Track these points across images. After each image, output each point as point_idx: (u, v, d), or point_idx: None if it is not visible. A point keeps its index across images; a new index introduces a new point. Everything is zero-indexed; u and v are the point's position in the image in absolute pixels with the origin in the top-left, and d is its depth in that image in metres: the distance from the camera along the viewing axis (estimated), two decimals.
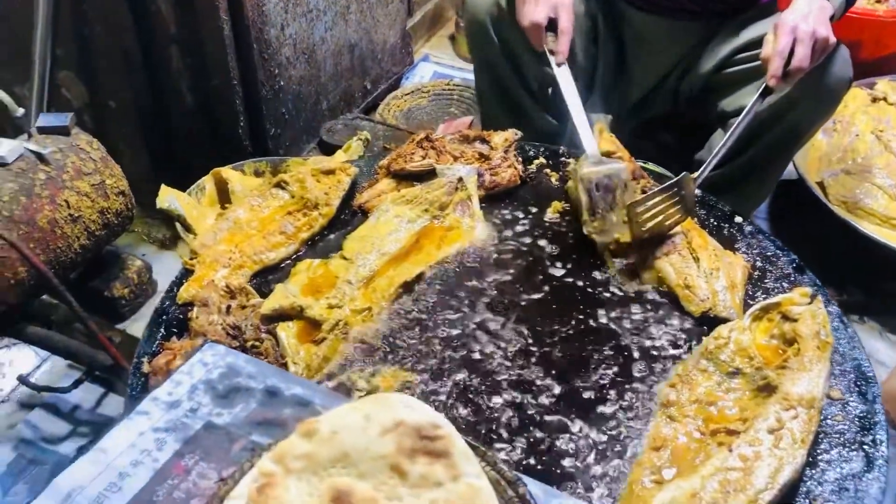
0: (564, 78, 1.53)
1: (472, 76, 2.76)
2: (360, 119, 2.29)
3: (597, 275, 1.37)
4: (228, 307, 1.27)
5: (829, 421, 1.14)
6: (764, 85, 1.47)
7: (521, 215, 1.50)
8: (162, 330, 1.27)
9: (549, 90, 1.89)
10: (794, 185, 2.11)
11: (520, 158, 1.58)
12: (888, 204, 1.97)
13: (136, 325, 2.00)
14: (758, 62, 1.75)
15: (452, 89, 2.64)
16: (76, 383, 1.70)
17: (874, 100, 2.25)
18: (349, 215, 1.51)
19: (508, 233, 1.46)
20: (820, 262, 1.52)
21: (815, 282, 1.35)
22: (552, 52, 1.56)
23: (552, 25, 1.58)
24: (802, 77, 1.58)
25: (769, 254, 1.41)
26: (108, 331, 1.87)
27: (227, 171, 1.78)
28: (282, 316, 1.28)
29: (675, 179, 1.38)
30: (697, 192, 1.45)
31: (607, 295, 1.34)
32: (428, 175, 1.52)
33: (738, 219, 1.48)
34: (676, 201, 1.37)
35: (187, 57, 1.93)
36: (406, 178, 1.52)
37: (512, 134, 1.59)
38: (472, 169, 1.51)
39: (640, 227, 1.36)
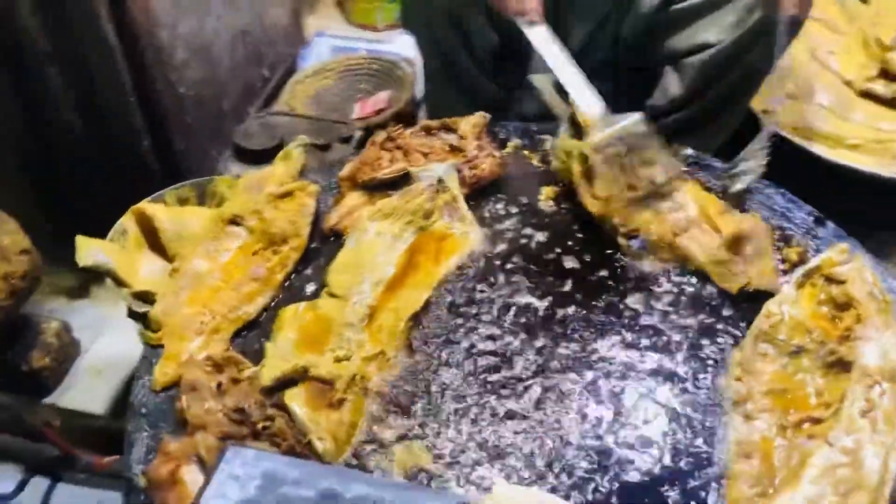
0: (542, 38, 1.36)
1: (377, 46, 2.58)
2: (273, 116, 2.05)
3: (614, 260, 1.25)
4: (220, 385, 1.06)
5: None
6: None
7: (513, 209, 1.34)
8: (145, 428, 1.05)
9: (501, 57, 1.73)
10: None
11: (494, 144, 1.41)
12: (838, 124, 1.94)
13: (67, 396, 1.73)
14: None
15: (360, 63, 2.41)
16: (21, 486, 1.44)
17: None
18: (319, 241, 1.31)
19: (506, 232, 1.30)
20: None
21: (841, 233, 1.27)
22: (521, 14, 1.39)
23: None
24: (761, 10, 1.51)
25: (783, 209, 1.32)
26: (41, 413, 1.61)
27: (148, 207, 1.52)
28: (284, 383, 1.08)
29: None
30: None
31: (632, 283, 1.22)
32: (402, 180, 1.33)
33: None
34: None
35: (69, 76, 1.63)
36: (377, 187, 1.33)
37: (480, 118, 1.42)
38: (449, 166, 1.33)
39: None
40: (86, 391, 1.74)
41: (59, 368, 1.74)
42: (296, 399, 1.06)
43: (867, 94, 1.99)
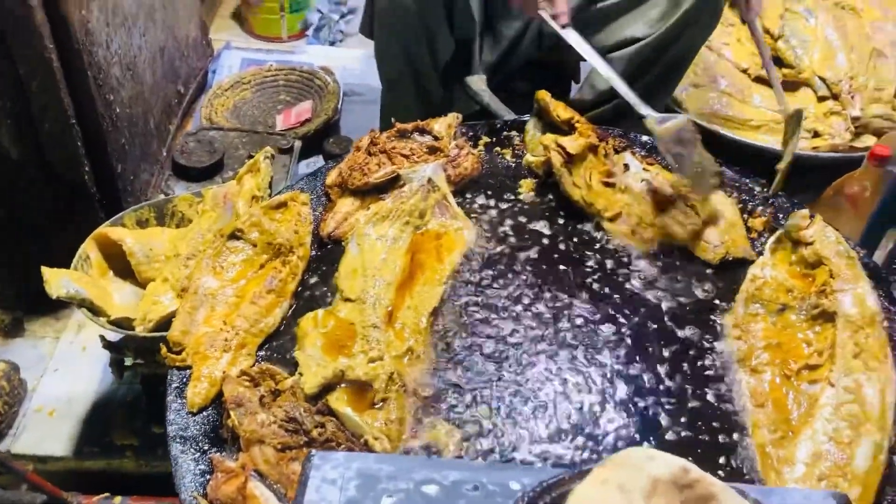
0: (575, 39, 1.43)
1: (285, 57, 2.57)
2: (209, 131, 2.00)
3: (608, 245, 1.33)
4: (261, 398, 1.06)
5: None
6: None
7: (503, 205, 1.40)
8: (192, 451, 1.03)
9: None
10: None
11: (470, 143, 1.47)
12: (740, 108, 2.13)
13: (22, 441, 1.62)
14: None
15: (276, 75, 2.38)
16: None
17: None
18: (317, 249, 1.32)
19: (497, 224, 1.36)
20: None
21: (792, 200, 1.42)
22: (554, 17, 1.45)
23: None
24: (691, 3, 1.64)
25: (738, 184, 1.46)
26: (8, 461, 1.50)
27: (113, 231, 1.48)
28: (324, 389, 1.09)
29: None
30: None
31: (625, 265, 1.31)
32: (389, 184, 1.36)
33: None
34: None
35: (5, 101, 1.53)
36: (368, 191, 1.35)
37: (454, 118, 1.47)
38: (436, 166, 1.37)
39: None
40: (42, 434, 1.64)
41: (10, 412, 1.63)
42: (341, 403, 1.07)
43: (760, 80, 2.19)
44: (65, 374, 1.75)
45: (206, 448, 1.04)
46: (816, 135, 2.05)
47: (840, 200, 1.76)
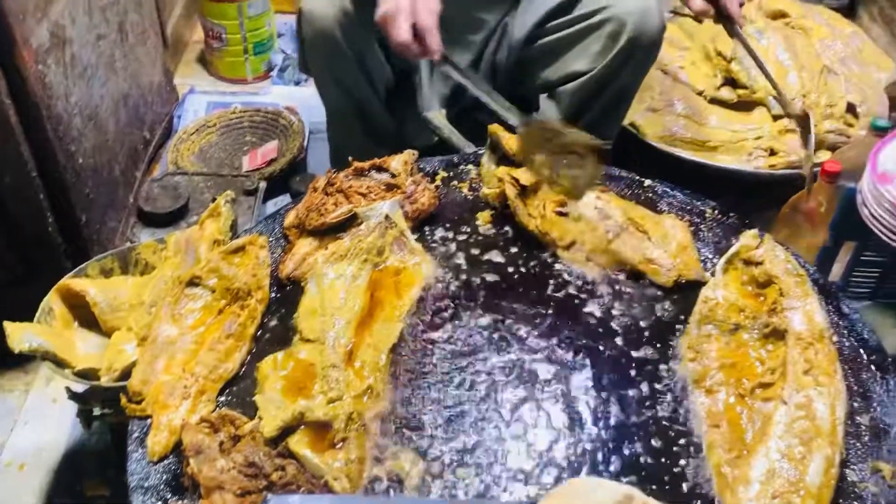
0: (454, 69, 1.48)
1: (250, 98, 2.59)
2: (172, 177, 2.01)
3: (564, 272, 1.35)
4: (221, 444, 1.06)
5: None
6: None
7: (460, 237, 1.42)
8: (153, 500, 1.03)
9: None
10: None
11: (428, 179, 1.49)
12: (697, 129, 2.17)
13: None
14: (573, 28, 1.82)
15: (241, 117, 2.41)
16: None
17: None
18: (276, 291, 1.33)
19: (454, 257, 1.38)
20: None
21: (743, 221, 1.45)
22: (425, 56, 1.48)
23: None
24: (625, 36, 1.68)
25: (690, 206, 1.49)
26: None
27: (75, 283, 1.49)
28: (284, 432, 1.09)
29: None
30: None
31: (582, 291, 1.33)
32: (347, 222, 1.38)
33: (647, 182, 1.53)
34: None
35: None
36: (326, 231, 1.37)
37: (409, 155, 1.50)
38: (393, 203, 1.39)
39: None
40: (13, 489, 1.64)
41: None
42: (301, 445, 1.07)
43: (716, 101, 2.24)
44: (35, 426, 1.75)
45: (167, 497, 1.04)
46: (773, 153, 2.09)
47: (797, 217, 1.79)
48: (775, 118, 2.16)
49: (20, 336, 1.36)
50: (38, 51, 1.57)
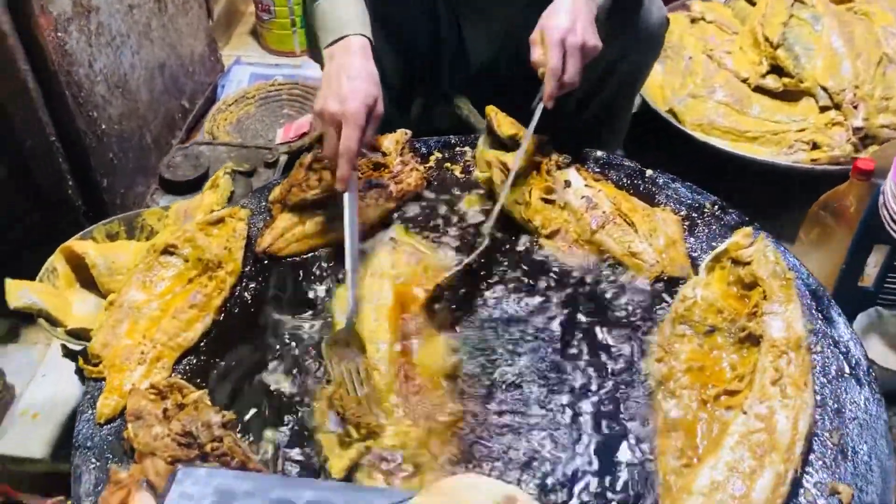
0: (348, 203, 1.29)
1: (293, 71, 2.62)
2: (197, 146, 2.06)
3: (544, 261, 1.32)
4: (165, 411, 1.08)
5: (814, 355, 1.15)
6: (540, 102, 1.36)
7: (440, 221, 1.39)
8: (93, 460, 1.07)
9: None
10: (642, 117, 2.15)
11: (417, 159, 1.47)
12: (737, 118, 2.06)
13: (3, 443, 1.70)
14: None
15: (279, 89, 2.44)
16: None
17: (693, 20, 2.34)
18: (253, 264, 1.34)
19: (439, 241, 1.36)
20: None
21: (743, 218, 1.37)
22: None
23: None
24: (624, 26, 1.58)
25: (689, 200, 1.41)
26: None
27: (78, 244, 1.53)
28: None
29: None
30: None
31: (559, 283, 1.29)
32: (330, 200, 1.37)
33: (649, 172, 1.47)
34: None
35: None
36: (307, 208, 1.37)
37: (402, 134, 1.48)
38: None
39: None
40: (23, 436, 1.71)
41: None
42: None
43: (761, 89, 2.12)
44: (51, 379, 1.82)
45: (108, 458, 1.07)
46: (815, 146, 1.97)
47: (825, 216, 1.68)
48: (822, 109, 2.03)
49: (17, 292, 1.41)
50: (59, 19, 1.62)
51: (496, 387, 1.14)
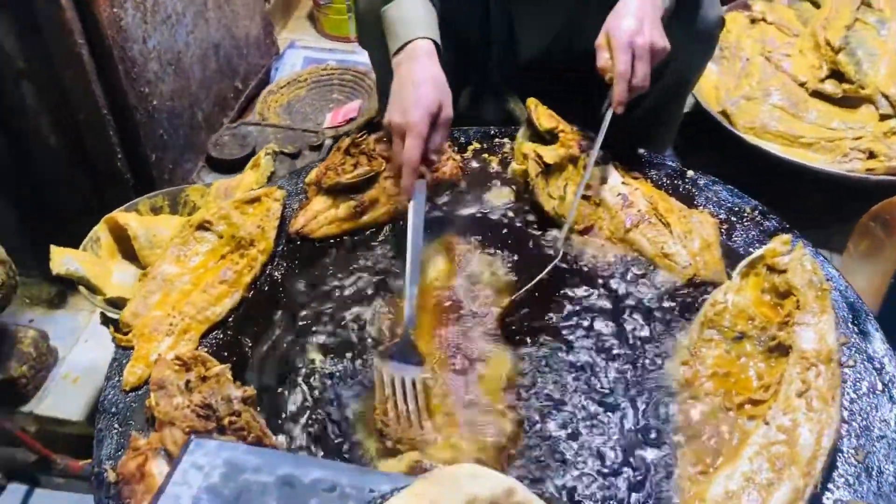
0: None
1: (346, 56, 2.64)
2: (245, 126, 2.09)
3: (572, 258, 1.30)
4: (188, 383, 1.11)
5: (845, 369, 1.12)
6: (610, 108, 1.32)
7: (474, 211, 1.39)
8: (116, 426, 1.09)
9: None
10: (694, 117, 2.11)
11: (455, 148, 1.47)
12: (792, 123, 2.00)
13: (44, 404, 1.76)
14: None
15: (331, 74, 2.46)
16: None
17: (753, 21, 2.28)
18: (286, 244, 1.36)
19: (468, 234, 1.35)
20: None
21: (783, 225, 1.33)
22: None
23: None
24: (679, 26, 1.53)
25: (730, 204, 1.38)
26: (16, 419, 1.64)
27: (121, 216, 1.57)
28: None
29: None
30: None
31: (588, 280, 1.27)
32: (365, 184, 1.38)
33: (690, 173, 1.44)
34: None
35: (43, 92, 1.68)
36: (342, 191, 1.38)
37: None
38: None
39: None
40: (63, 398, 1.77)
41: (37, 377, 1.77)
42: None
43: (819, 94, 2.05)
44: (93, 344, 1.88)
45: (131, 425, 1.10)
46: (872, 155, 1.90)
47: (875, 227, 1.63)
48: (882, 118, 1.96)
49: (60, 259, 1.46)
50: None
51: (555, 405, 1.12)
